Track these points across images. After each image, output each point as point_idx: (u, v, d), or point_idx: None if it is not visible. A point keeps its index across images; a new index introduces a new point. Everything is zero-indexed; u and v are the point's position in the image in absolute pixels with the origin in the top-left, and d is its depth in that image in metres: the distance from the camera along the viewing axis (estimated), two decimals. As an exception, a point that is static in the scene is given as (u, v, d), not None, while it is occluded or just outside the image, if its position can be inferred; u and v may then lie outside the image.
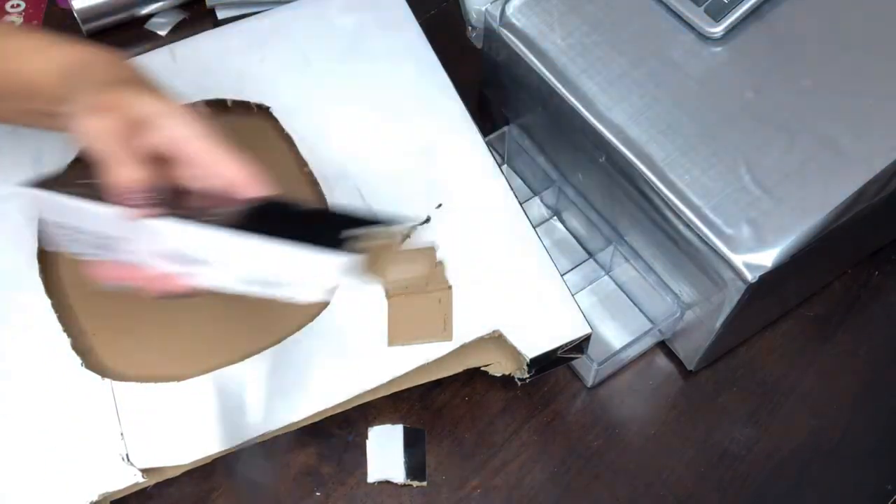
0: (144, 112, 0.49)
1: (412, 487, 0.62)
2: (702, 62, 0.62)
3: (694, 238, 0.59)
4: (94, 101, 0.49)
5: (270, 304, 0.63)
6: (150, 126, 0.49)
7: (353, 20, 0.75)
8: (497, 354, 0.62)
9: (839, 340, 0.69)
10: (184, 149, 0.50)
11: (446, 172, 0.67)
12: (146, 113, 0.49)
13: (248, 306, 0.63)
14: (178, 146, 0.50)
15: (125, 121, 0.49)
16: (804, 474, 0.64)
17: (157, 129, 0.50)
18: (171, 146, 0.50)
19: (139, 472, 0.56)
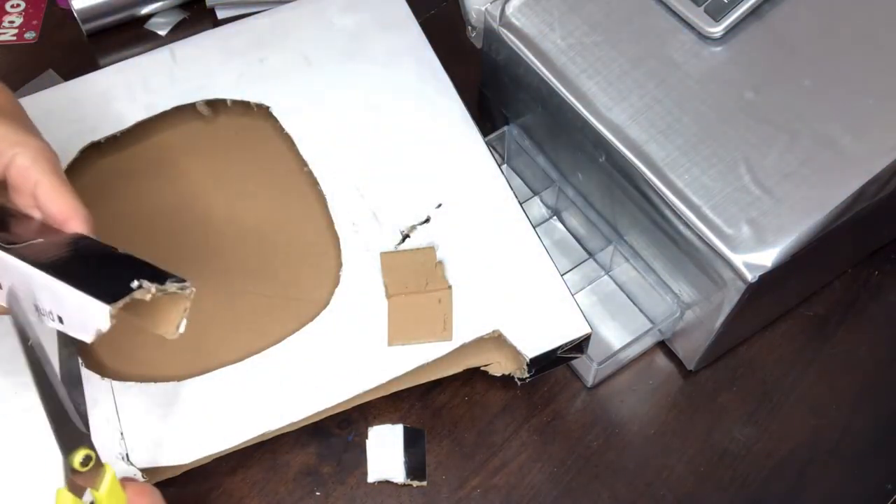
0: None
1: (412, 487, 0.62)
2: (702, 62, 0.62)
3: (694, 238, 0.59)
4: None
5: (270, 305, 0.63)
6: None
7: (353, 20, 0.75)
8: (497, 354, 0.62)
9: (839, 340, 0.69)
10: (23, 177, 0.51)
11: (446, 172, 0.67)
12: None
13: (248, 306, 0.63)
14: (19, 174, 0.51)
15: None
16: (804, 474, 0.64)
17: (2, 155, 0.51)
18: (12, 172, 0.51)
19: (139, 472, 0.57)
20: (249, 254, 0.66)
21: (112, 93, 0.71)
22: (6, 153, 0.51)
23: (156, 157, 0.70)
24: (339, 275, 0.63)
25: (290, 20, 0.75)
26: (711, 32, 0.62)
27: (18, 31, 0.87)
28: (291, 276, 0.65)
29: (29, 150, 0.51)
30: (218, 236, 0.66)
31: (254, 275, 0.65)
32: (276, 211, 0.67)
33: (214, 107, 0.72)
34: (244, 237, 0.66)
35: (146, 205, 0.68)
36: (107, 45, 0.86)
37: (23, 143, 0.51)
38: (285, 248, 0.66)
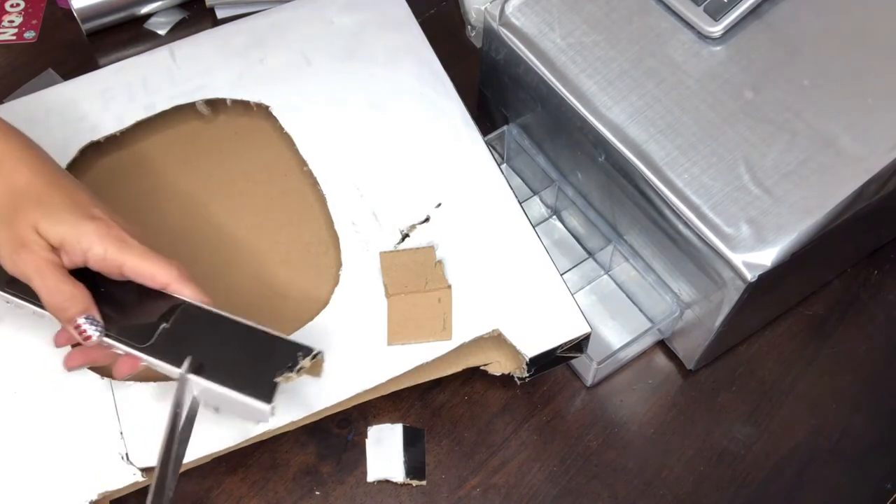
0: (56, 240, 0.51)
1: (411, 486, 0.62)
2: (701, 61, 0.62)
3: (693, 237, 0.59)
4: (2, 240, 0.52)
5: (269, 304, 0.63)
6: (66, 250, 0.52)
7: (352, 19, 0.75)
8: (496, 353, 0.62)
9: (838, 339, 0.69)
10: (104, 265, 0.52)
11: (446, 172, 0.67)
12: (58, 240, 0.51)
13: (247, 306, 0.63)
14: (97, 265, 0.52)
15: (41, 252, 0.51)
16: (803, 473, 0.64)
17: (74, 253, 0.52)
18: (91, 264, 0.52)
19: (139, 472, 0.57)
20: (249, 253, 0.66)
21: (112, 92, 0.71)
22: (76, 250, 0.52)
23: (155, 156, 0.70)
24: (338, 274, 0.63)
25: (289, 20, 0.75)
26: (711, 32, 0.62)
27: (18, 30, 0.87)
28: (291, 275, 0.65)
29: (93, 238, 0.51)
30: (217, 235, 0.66)
31: (253, 274, 0.65)
32: (276, 210, 0.67)
33: (214, 106, 0.72)
34: (243, 236, 0.66)
35: (146, 204, 0.68)
36: (106, 44, 0.86)
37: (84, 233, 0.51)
38: (285, 248, 0.66)
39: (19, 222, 0.51)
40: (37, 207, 0.51)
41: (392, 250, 0.64)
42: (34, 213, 0.51)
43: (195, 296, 0.54)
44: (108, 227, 0.52)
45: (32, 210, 0.51)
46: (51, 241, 0.51)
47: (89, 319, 0.52)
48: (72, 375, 0.59)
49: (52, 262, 0.51)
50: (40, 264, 0.51)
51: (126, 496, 0.58)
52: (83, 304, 0.52)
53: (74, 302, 0.52)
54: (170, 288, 0.53)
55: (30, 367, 0.60)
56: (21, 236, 0.51)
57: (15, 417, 0.58)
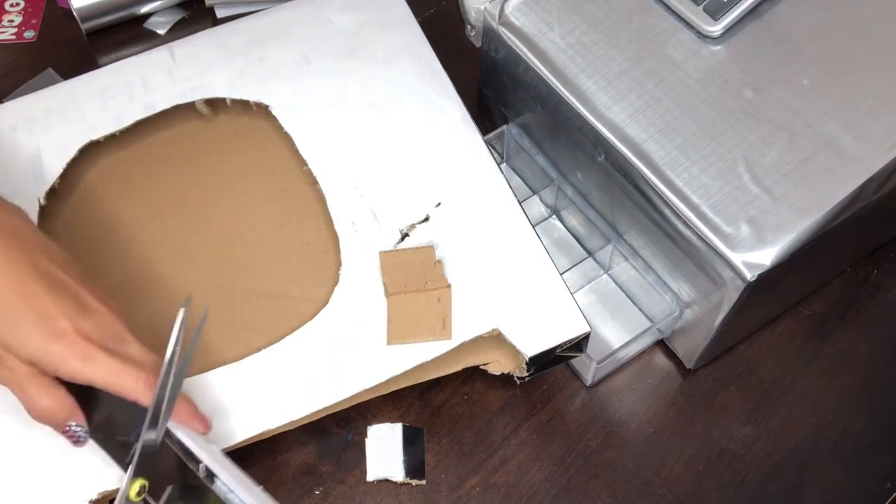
0: (26, 359, 0.50)
1: (411, 486, 0.62)
2: (701, 61, 0.62)
3: (693, 237, 0.59)
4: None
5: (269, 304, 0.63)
6: (37, 366, 0.51)
7: (352, 19, 0.75)
8: (496, 353, 0.62)
9: (838, 339, 0.69)
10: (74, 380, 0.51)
11: (445, 171, 0.67)
12: (27, 360, 0.50)
13: (247, 305, 0.63)
14: (69, 379, 0.51)
15: (16, 367, 0.50)
16: (803, 473, 0.64)
17: (45, 368, 0.51)
18: (65, 378, 0.51)
19: (138, 471, 0.56)
20: (248, 252, 0.66)
21: (111, 92, 0.71)
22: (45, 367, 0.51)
23: (155, 156, 0.70)
24: (338, 274, 0.63)
25: (289, 19, 0.75)
26: (710, 31, 0.62)
27: (18, 30, 0.87)
28: (290, 274, 0.65)
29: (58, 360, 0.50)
30: (217, 235, 0.66)
31: (253, 273, 0.65)
32: (275, 210, 0.67)
33: (214, 106, 0.72)
34: (243, 236, 0.66)
35: (145, 204, 0.68)
36: (106, 44, 0.86)
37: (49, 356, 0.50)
38: (284, 247, 0.66)
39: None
40: (4, 325, 0.50)
41: (392, 250, 0.64)
42: (1, 332, 0.50)
43: None
44: (72, 343, 0.50)
45: (4, 335, 0.50)
46: (21, 359, 0.50)
47: (75, 427, 0.53)
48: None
49: (28, 375, 0.51)
50: (17, 379, 0.51)
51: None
52: (64, 415, 0.52)
53: (54, 413, 0.52)
54: (139, 402, 0.51)
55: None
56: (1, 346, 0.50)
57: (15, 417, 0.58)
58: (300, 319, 0.61)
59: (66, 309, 0.51)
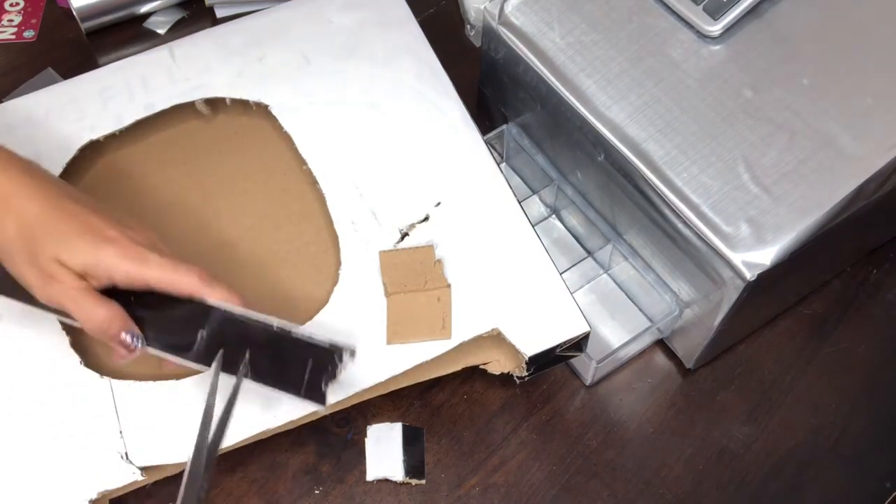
0: (79, 269, 0.52)
1: (411, 485, 0.62)
2: (700, 61, 0.62)
3: (692, 236, 0.59)
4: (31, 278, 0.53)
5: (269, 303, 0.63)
6: (91, 275, 0.53)
7: (352, 18, 0.75)
8: (496, 352, 0.62)
9: (838, 338, 0.69)
10: (129, 284, 0.53)
11: (445, 171, 0.67)
12: (81, 269, 0.52)
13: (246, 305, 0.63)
14: (123, 284, 0.53)
15: (69, 282, 0.52)
16: (803, 472, 0.64)
17: (99, 277, 0.53)
18: (118, 284, 0.53)
19: (138, 471, 0.57)
20: (248, 252, 0.66)
21: (111, 91, 0.71)
22: (99, 275, 0.53)
23: (155, 155, 0.70)
24: (337, 273, 0.63)
25: (288, 19, 0.75)
26: (710, 31, 0.62)
27: (17, 29, 0.87)
28: (290, 274, 0.65)
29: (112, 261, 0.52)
30: (217, 235, 0.66)
31: (252, 273, 0.65)
32: (275, 209, 0.67)
33: (213, 105, 0.72)
34: (243, 235, 0.66)
35: (145, 203, 0.68)
36: (106, 43, 0.86)
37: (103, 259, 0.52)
38: (284, 247, 0.66)
39: (40, 257, 0.52)
40: (53, 240, 0.52)
41: (391, 249, 0.64)
42: (52, 247, 0.52)
43: (222, 297, 0.54)
44: (124, 247, 0.53)
45: (50, 243, 0.52)
46: (74, 270, 0.52)
47: (129, 334, 0.54)
48: (71, 374, 0.59)
49: (81, 289, 0.53)
50: (71, 293, 0.52)
51: (125, 495, 0.58)
52: (120, 324, 0.54)
53: (111, 323, 0.53)
54: (195, 295, 0.54)
55: (30, 366, 0.60)
56: (46, 270, 0.52)
57: (14, 416, 0.58)
58: (300, 319, 0.61)
59: (111, 221, 0.54)
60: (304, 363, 0.55)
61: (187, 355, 0.55)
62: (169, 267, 0.53)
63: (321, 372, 0.55)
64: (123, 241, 0.53)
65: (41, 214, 0.53)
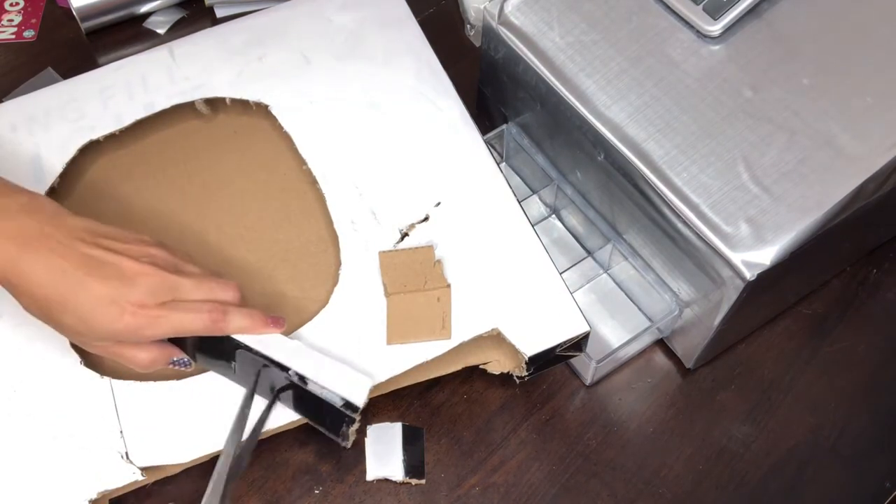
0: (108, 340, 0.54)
1: (411, 485, 0.62)
2: (700, 60, 0.62)
3: (692, 236, 0.59)
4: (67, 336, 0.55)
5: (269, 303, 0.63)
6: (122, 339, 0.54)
7: (351, 18, 0.75)
8: (496, 352, 0.62)
9: (837, 338, 0.69)
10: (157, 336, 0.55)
11: (445, 171, 0.67)
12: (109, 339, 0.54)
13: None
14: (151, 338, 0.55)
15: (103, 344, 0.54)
16: (803, 472, 0.64)
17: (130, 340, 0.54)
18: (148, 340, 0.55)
19: (138, 470, 0.57)
20: (248, 252, 0.66)
21: (111, 91, 0.71)
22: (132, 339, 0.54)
23: (155, 155, 0.70)
24: (337, 273, 0.63)
25: (288, 18, 0.75)
26: (710, 31, 0.62)
27: (17, 29, 0.87)
28: (290, 274, 0.65)
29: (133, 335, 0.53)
30: (216, 235, 0.66)
31: (252, 273, 0.65)
32: (275, 209, 0.67)
33: (213, 105, 0.72)
34: (243, 236, 0.66)
35: (145, 203, 0.68)
36: (106, 43, 0.86)
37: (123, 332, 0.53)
38: (284, 247, 0.66)
39: (65, 327, 0.53)
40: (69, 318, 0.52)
41: (391, 249, 0.64)
42: (70, 324, 0.53)
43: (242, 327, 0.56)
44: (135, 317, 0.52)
45: (67, 321, 0.52)
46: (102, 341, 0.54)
47: (177, 360, 0.57)
48: (71, 374, 0.59)
49: (115, 344, 0.54)
50: (108, 349, 0.54)
51: (125, 495, 0.58)
52: (164, 357, 0.56)
53: (156, 360, 0.56)
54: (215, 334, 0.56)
55: (29, 366, 0.60)
56: (77, 336, 0.54)
57: (14, 416, 0.58)
58: (300, 319, 0.61)
59: (114, 286, 0.52)
60: (322, 409, 0.57)
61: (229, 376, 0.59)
62: (179, 321, 0.54)
63: (340, 418, 0.56)
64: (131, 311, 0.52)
65: (48, 296, 0.52)
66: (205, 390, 0.59)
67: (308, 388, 0.56)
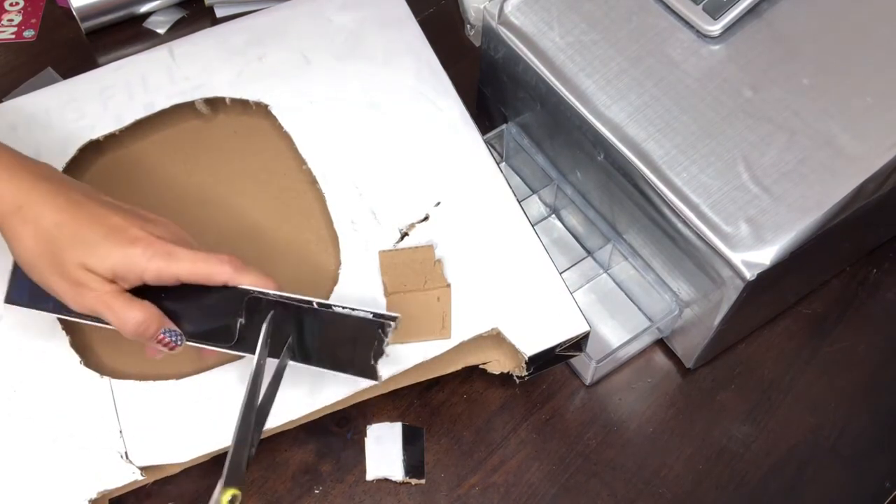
0: (108, 273, 0.52)
1: (410, 485, 0.62)
2: (700, 60, 0.62)
3: (692, 236, 0.59)
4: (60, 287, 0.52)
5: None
6: (121, 278, 0.52)
7: (351, 18, 0.75)
8: (495, 352, 0.62)
9: (837, 338, 0.69)
10: (161, 281, 0.53)
11: (445, 170, 0.67)
12: (110, 273, 0.52)
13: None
14: (155, 282, 0.53)
15: (99, 287, 0.52)
16: (802, 472, 0.64)
17: (129, 279, 0.53)
18: (149, 282, 0.53)
19: (138, 470, 0.57)
20: (248, 252, 0.65)
21: (111, 91, 0.71)
22: (129, 277, 0.52)
23: (155, 155, 0.70)
24: (337, 273, 0.63)
25: (288, 18, 0.75)
26: (710, 31, 0.62)
27: (17, 29, 0.87)
28: (290, 274, 0.64)
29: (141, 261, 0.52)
30: (216, 234, 0.66)
31: (252, 273, 0.65)
32: (275, 209, 0.67)
33: (213, 105, 0.72)
34: (243, 235, 0.66)
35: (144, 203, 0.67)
36: (105, 43, 0.86)
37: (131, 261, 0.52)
38: (284, 247, 0.66)
39: (67, 265, 0.51)
40: (77, 247, 0.51)
41: (391, 249, 0.64)
42: (77, 254, 0.51)
43: (256, 283, 0.55)
44: (151, 245, 0.52)
45: (74, 251, 0.51)
46: (103, 275, 0.52)
47: (167, 332, 0.54)
48: (71, 374, 0.59)
49: (113, 293, 0.52)
50: (104, 299, 0.52)
51: (125, 495, 0.58)
52: (156, 324, 0.54)
53: (148, 324, 0.53)
54: (230, 283, 0.54)
55: (29, 366, 0.60)
56: (74, 277, 0.52)
57: (14, 416, 0.58)
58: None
59: (133, 219, 0.53)
60: (351, 339, 0.54)
61: (228, 345, 0.55)
62: (199, 259, 0.53)
63: (368, 347, 0.54)
64: (149, 240, 0.52)
65: (59, 220, 0.52)
66: (204, 390, 0.59)
67: (334, 312, 0.54)
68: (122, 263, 0.52)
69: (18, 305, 0.57)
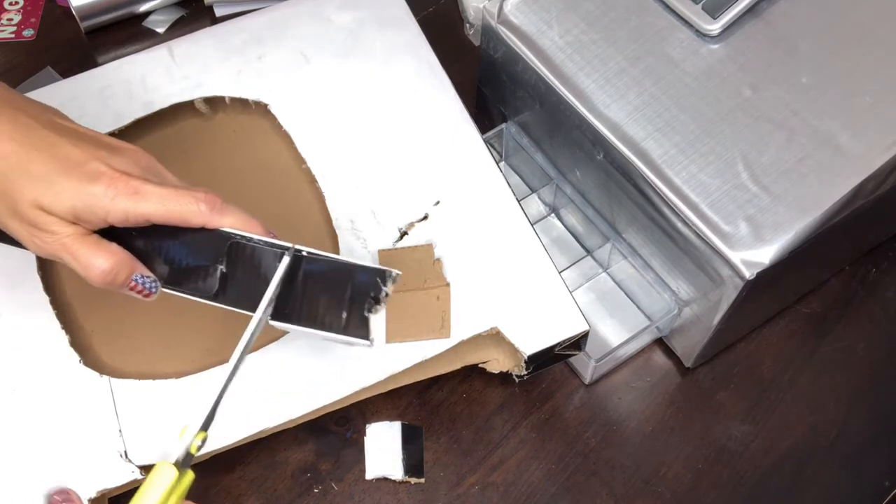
0: (68, 214, 0.45)
1: (410, 484, 0.62)
2: (699, 59, 0.62)
3: (691, 235, 0.59)
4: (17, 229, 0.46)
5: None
6: (83, 219, 0.46)
7: (351, 17, 0.75)
8: (495, 351, 0.62)
9: (837, 337, 0.69)
10: (129, 223, 0.47)
11: (444, 170, 0.67)
12: (70, 214, 0.45)
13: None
14: (122, 224, 0.47)
15: (59, 230, 0.45)
16: (802, 471, 0.64)
17: (92, 221, 0.46)
18: (115, 224, 0.47)
19: (137, 469, 0.57)
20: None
21: (110, 90, 0.71)
22: (92, 218, 0.46)
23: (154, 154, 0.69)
24: (337, 272, 0.63)
25: (288, 17, 0.75)
26: (709, 30, 0.62)
27: (17, 28, 0.87)
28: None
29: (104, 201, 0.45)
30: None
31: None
32: (274, 208, 0.67)
33: (213, 104, 0.72)
34: (242, 234, 0.66)
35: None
36: (105, 42, 0.86)
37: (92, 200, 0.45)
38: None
39: (21, 205, 0.45)
40: (30, 183, 0.44)
41: (390, 248, 0.64)
42: (30, 192, 0.44)
43: (237, 224, 0.48)
44: (114, 182, 0.45)
45: (24, 188, 0.44)
46: (62, 215, 0.45)
47: (140, 278, 0.48)
48: (71, 374, 0.59)
49: (74, 237, 0.46)
50: (64, 243, 0.46)
51: (124, 494, 0.58)
52: (126, 270, 0.47)
53: (116, 271, 0.47)
54: (208, 225, 0.48)
55: (29, 365, 0.60)
56: (30, 218, 0.45)
57: (13, 415, 0.58)
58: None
59: (92, 150, 0.46)
60: (343, 290, 0.48)
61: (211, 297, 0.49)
62: (171, 199, 0.46)
63: (363, 300, 0.48)
64: (112, 175, 0.45)
65: (10, 154, 0.45)
66: (204, 390, 0.59)
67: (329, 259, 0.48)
68: (81, 203, 0.45)
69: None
